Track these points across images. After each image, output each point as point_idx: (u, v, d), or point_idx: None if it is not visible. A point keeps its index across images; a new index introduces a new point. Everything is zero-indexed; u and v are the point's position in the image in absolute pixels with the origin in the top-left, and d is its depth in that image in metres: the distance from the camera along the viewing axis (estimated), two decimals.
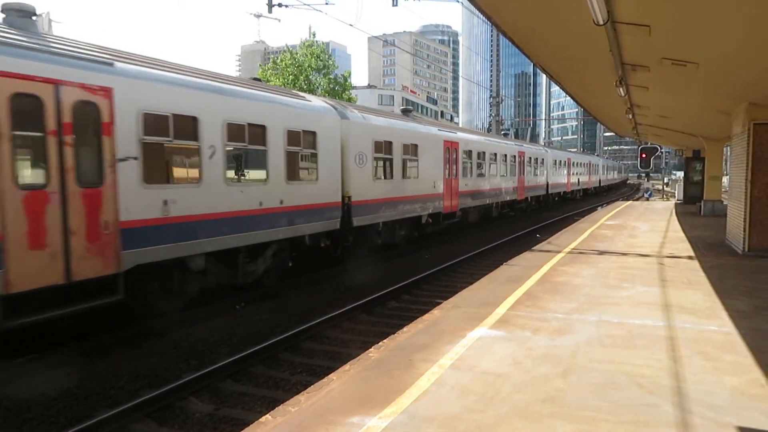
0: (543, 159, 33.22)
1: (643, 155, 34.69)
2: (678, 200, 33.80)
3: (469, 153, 21.74)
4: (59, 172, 7.23)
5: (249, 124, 10.44)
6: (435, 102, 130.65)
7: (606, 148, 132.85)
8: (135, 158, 8.24)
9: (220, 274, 10.28)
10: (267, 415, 4.68)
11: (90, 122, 7.73)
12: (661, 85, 12.43)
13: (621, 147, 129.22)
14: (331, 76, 42.21)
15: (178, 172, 9.64)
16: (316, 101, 13.43)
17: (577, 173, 43.23)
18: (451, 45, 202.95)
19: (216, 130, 9.70)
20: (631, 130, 26.52)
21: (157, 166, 8.87)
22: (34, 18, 7.94)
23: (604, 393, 4.79)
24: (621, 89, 11.92)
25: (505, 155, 26.10)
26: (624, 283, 9.30)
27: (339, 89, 41.71)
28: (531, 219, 27.83)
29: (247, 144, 10.48)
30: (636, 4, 6.96)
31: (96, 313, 8.03)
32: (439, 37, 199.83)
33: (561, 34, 9.34)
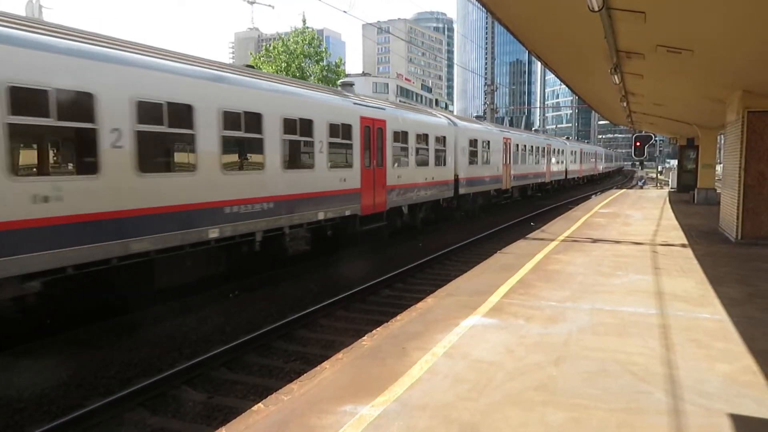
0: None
1: (638, 143, 34.72)
2: (672, 189, 33.87)
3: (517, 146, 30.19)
4: None
5: None
6: (430, 90, 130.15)
7: (600, 136, 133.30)
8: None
9: None
10: (260, 404, 4.66)
11: None
12: (656, 73, 12.37)
13: (615, 135, 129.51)
14: (323, 63, 41.83)
15: None
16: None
17: None
18: (446, 32, 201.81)
19: None
20: (626, 118, 26.45)
21: None
22: None
23: (596, 381, 4.80)
24: (616, 77, 11.85)
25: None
26: (617, 271, 9.31)
27: (332, 77, 41.39)
28: (526, 207, 27.86)
29: None
30: None
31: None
32: (434, 25, 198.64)
33: (556, 20, 9.25)
